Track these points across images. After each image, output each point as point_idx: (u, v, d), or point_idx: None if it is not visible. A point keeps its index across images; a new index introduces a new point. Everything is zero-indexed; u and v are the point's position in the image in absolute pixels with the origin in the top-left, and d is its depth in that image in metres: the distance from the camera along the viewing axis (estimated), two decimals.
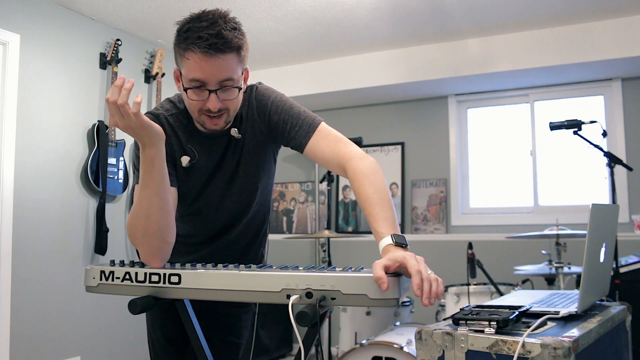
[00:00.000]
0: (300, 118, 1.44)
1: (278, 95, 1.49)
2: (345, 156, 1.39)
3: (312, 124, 1.44)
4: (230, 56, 1.30)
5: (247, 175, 1.50)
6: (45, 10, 3.29)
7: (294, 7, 3.48)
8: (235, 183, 1.49)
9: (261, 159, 1.51)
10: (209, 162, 1.47)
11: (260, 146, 1.49)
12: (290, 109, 1.45)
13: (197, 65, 1.29)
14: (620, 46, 3.64)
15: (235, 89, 1.34)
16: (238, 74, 1.34)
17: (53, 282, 3.23)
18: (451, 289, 3.23)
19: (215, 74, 1.30)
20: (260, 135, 1.48)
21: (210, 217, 1.54)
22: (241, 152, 1.48)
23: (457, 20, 3.72)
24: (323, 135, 1.42)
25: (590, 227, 1.34)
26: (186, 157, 1.44)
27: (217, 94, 1.32)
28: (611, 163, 2.92)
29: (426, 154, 4.67)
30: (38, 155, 3.21)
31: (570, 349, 1.06)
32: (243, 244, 1.63)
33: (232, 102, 1.36)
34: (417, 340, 1.22)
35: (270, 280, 1.20)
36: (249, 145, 1.48)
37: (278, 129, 1.46)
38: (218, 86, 1.32)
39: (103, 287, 1.36)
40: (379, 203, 1.28)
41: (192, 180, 1.47)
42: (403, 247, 1.20)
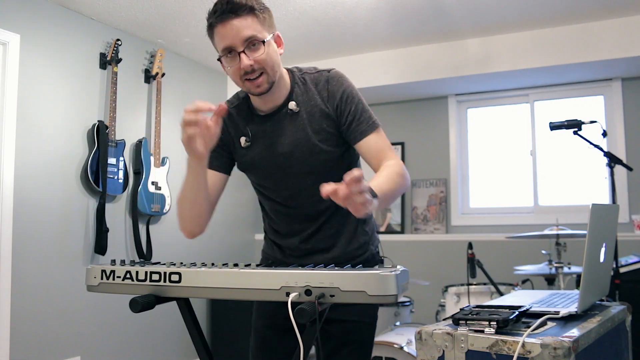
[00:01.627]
0: (365, 115, 1.55)
1: (350, 85, 1.59)
2: (385, 160, 1.52)
3: (373, 124, 1.56)
4: (246, 17, 1.42)
5: (308, 141, 1.55)
6: (45, 10, 3.29)
7: (294, 7, 3.48)
8: (298, 149, 1.55)
9: (322, 128, 1.55)
10: (268, 138, 1.57)
11: (318, 118, 1.55)
12: (358, 102, 1.56)
13: (220, 35, 1.43)
14: (620, 46, 3.64)
15: (261, 45, 1.44)
16: (261, 32, 1.44)
17: (53, 282, 3.24)
18: (451, 289, 3.23)
19: (236, 35, 1.42)
20: (319, 112, 1.55)
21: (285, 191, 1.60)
22: (299, 121, 1.55)
23: (457, 20, 3.72)
24: (377, 139, 1.56)
25: (590, 227, 1.34)
26: (243, 138, 1.59)
27: (245, 52, 1.43)
28: (611, 163, 2.92)
29: (426, 154, 4.67)
30: (38, 155, 3.21)
31: (570, 349, 1.06)
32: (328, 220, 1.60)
33: (264, 59, 1.45)
34: (417, 340, 1.22)
35: (269, 278, 1.21)
36: (306, 115, 1.56)
37: (342, 116, 1.55)
38: (244, 45, 1.43)
39: (104, 287, 1.36)
40: (381, 174, 1.44)
41: (256, 156, 1.59)
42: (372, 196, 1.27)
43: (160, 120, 3.87)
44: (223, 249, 4.63)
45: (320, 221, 1.61)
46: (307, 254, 1.62)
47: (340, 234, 1.61)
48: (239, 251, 4.71)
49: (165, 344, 4.00)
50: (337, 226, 1.62)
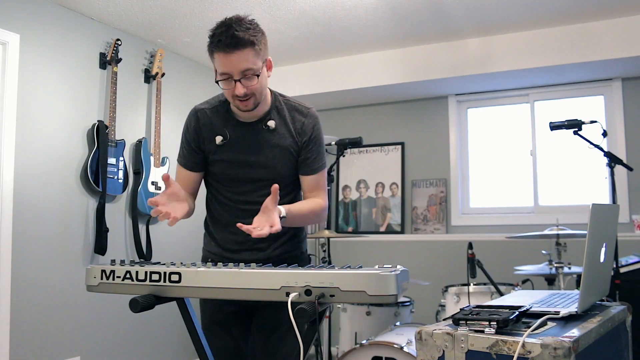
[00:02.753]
0: (319, 158, 1.83)
1: (320, 129, 1.85)
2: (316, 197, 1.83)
3: (321, 166, 1.84)
4: (246, 51, 1.62)
5: (270, 159, 1.78)
6: (45, 10, 3.29)
7: (294, 7, 3.48)
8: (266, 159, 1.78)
9: (288, 150, 1.79)
10: (240, 143, 1.78)
11: (287, 141, 1.79)
12: (320, 146, 1.84)
13: (221, 62, 1.64)
14: (620, 46, 3.64)
15: (255, 76, 1.65)
16: (257, 64, 1.65)
17: (53, 282, 3.23)
18: (451, 289, 3.23)
19: (235, 66, 1.63)
20: (290, 137, 1.80)
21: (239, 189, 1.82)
22: (272, 138, 1.78)
23: (457, 20, 3.72)
24: (319, 178, 1.84)
25: (591, 227, 1.34)
26: (219, 137, 1.78)
27: (240, 82, 1.64)
28: (611, 163, 2.92)
29: (426, 154, 4.67)
30: (38, 155, 3.21)
31: (571, 349, 1.06)
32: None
33: (255, 87, 1.67)
34: (417, 340, 1.22)
35: (269, 278, 1.21)
36: (279, 135, 1.79)
37: (304, 151, 1.80)
38: (240, 76, 1.64)
39: (104, 287, 1.36)
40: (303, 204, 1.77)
41: (226, 156, 1.80)
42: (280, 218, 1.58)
43: (160, 120, 3.86)
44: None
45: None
46: (243, 249, 1.82)
47: (280, 235, 1.74)
48: None
49: (165, 344, 4.00)
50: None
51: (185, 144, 1.85)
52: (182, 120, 1.91)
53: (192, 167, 1.87)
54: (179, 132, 1.93)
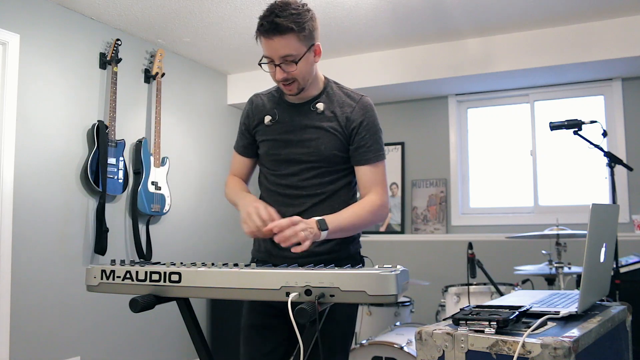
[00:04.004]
0: (375, 146, 1.76)
1: (374, 116, 1.80)
2: (369, 194, 1.73)
3: (378, 156, 1.76)
4: (286, 37, 1.62)
5: (313, 139, 1.75)
6: (45, 10, 3.29)
7: None
8: (311, 141, 1.75)
9: (335, 134, 1.74)
10: (287, 123, 1.78)
11: (335, 125, 1.75)
12: (374, 133, 1.77)
13: (263, 46, 1.67)
14: (620, 46, 3.64)
15: (293, 62, 1.66)
16: (298, 50, 1.66)
17: (53, 282, 3.23)
18: (451, 289, 3.23)
19: (275, 52, 1.65)
20: (337, 122, 1.75)
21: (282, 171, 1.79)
22: (319, 120, 1.75)
23: (457, 20, 3.72)
24: (375, 171, 1.76)
25: (591, 227, 1.34)
26: (268, 117, 1.81)
27: (281, 67, 1.67)
28: (611, 163, 2.92)
29: (426, 154, 4.67)
30: (38, 155, 3.21)
31: (571, 349, 1.06)
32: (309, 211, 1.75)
33: (295, 72, 1.68)
34: (417, 340, 1.22)
35: (269, 278, 1.21)
36: (327, 118, 1.76)
37: (355, 138, 1.74)
38: (280, 61, 1.66)
39: (104, 287, 1.36)
40: (349, 210, 1.68)
41: (271, 135, 1.80)
42: (319, 228, 1.55)
43: (160, 120, 3.86)
44: (223, 249, 4.63)
45: (307, 205, 1.75)
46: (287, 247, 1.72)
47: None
48: (238, 251, 4.71)
49: (165, 344, 4.00)
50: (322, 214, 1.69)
51: (239, 128, 1.91)
52: (182, 120, 1.93)
53: (243, 151, 1.90)
54: (179, 132, 1.94)
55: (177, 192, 4.13)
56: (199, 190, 4.42)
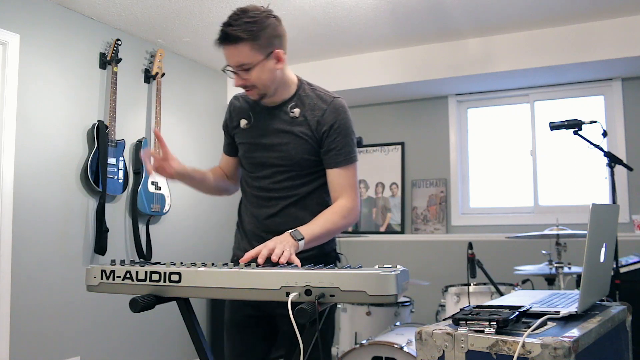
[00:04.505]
0: (346, 149, 1.75)
1: (346, 119, 1.78)
2: (339, 198, 1.74)
3: (344, 161, 1.74)
4: (239, 46, 1.64)
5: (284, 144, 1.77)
6: (45, 10, 3.29)
7: (294, 7, 3.48)
8: (282, 144, 1.76)
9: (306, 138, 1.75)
10: (260, 126, 1.81)
11: (306, 129, 1.76)
12: (346, 136, 1.75)
13: (223, 54, 1.69)
14: (620, 46, 3.64)
15: (247, 70, 1.67)
16: (252, 58, 1.66)
17: (53, 282, 3.23)
18: (451, 289, 3.23)
19: (230, 59, 1.68)
20: (308, 125, 1.75)
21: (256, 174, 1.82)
22: (292, 124, 1.77)
23: (457, 20, 3.72)
24: (345, 174, 1.75)
25: (591, 227, 1.34)
26: (244, 120, 1.84)
27: (237, 74, 1.69)
28: (611, 163, 2.92)
29: (426, 154, 4.67)
30: (38, 155, 3.21)
31: (571, 349, 1.06)
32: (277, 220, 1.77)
33: (253, 80, 1.69)
34: (417, 340, 1.22)
35: (269, 278, 1.21)
36: (299, 122, 1.76)
37: (326, 141, 1.74)
38: (236, 69, 1.69)
39: (104, 287, 1.36)
40: (322, 217, 1.68)
41: (246, 138, 1.84)
42: (295, 239, 1.54)
43: (160, 120, 3.86)
44: (223, 249, 4.63)
45: (280, 206, 1.77)
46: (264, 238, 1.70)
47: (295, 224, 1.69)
48: None
49: (165, 344, 4.00)
50: (295, 215, 1.75)
51: (223, 128, 1.96)
52: (182, 120, 1.95)
53: (227, 150, 1.95)
54: (179, 132, 1.96)
55: (177, 192, 4.13)
56: None
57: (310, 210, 1.75)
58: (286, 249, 1.46)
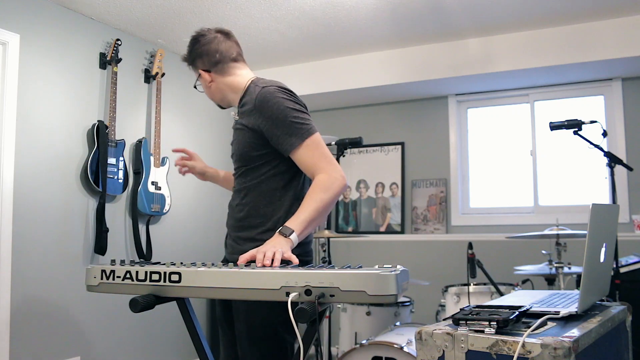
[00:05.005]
0: (290, 129, 1.67)
1: (274, 104, 1.70)
2: (315, 175, 1.67)
3: (300, 135, 1.67)
4: (191, 67, 1.96)
5: (234, 143, 1.85)
6: (45, 10, 3.29)
7: (294, 7, 3.48)
8: (235, 146, 1.84)
9: (239, 133, 1.80)
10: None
11: (242, 124, 1.79)
12: (281, 119, 1.67)
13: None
14: (620, 46, 3.64)
15: (198, 85, 1.98)
16: (197, 76, 1.95)
17: (53, 282, 3.23)
18: (451, 289, 3.23)
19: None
20: (247, 122, 1.76)
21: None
22: (234, 127, 1.86)
23: (457, 20, 3.72)
24: (308, 150, 1.67)
25: (591, 227, 1.34)
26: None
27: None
28: (611, 163, 2.92)
29: (426, 154, 4.67)
30: (38, 155, 3.21)
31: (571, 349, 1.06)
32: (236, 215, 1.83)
33: (206, 92, 1.97)
34: (417, 340, 1.22)
35: (269, 278, 1.21)
36: (239, 120, 1.82)
37: (267, 133, 1.70)
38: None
39: (104, 286, 1.36)
40: (304, 202, 1.63)
41: None
42: (285, 236, 1.55)
43: (160, 120, 3.86)
44: (223, 249, 4.63)
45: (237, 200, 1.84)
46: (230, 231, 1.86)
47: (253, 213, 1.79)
48: None
49: (165, 344, 4.00)
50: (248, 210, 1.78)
51: None
52: (182, 120, 1.98)
53: None
54: (179, 132, 1.99)
55: (177, 192, 4.13)
56: (198, 190, 4.42)
57: (267, 197, 1.75)
58: (277, 250, 1.45)
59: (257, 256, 1.44)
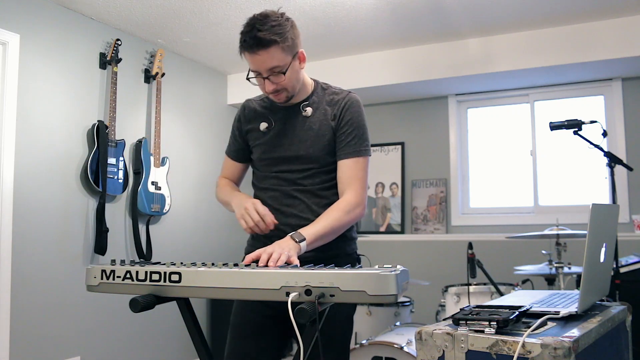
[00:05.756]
0: (358, 141, 1.75)
1: (361, 113, 1.79)
2: (345, 191, 1.72)
3: (359, 151, 1.75)
4: (271, 50, 1.64)
5: (303, 142, 1.77)
6: (45, 10, 3.29)
7: (294, 7, 3.48)
8: (299, 143, 1.77)
9: (322, 136, 1.76)
10: (280, 127, 1.81)
11: (322, 128, 1.77)
12: (359, 128, 1.77)
13: (249, 61, 1.68)
14: (620, 46, 3.64)
15: (281, 74, 1.67)
16: (284, 61, 1.67)
17: (53, 282, 3.23)
18: (451, 289, 3.23)
19: (261, 65, 1.66)
20: (326, 123, 1.77)
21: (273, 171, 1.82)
22: (307, 124, 1.78)
23: (457, 20, 3.72)
24: (355, 166, 1.74)
25: (591, 227, 1.34)
26: (264, 124, 1.83)
27: (269, 79, 1.68)
28: (611, 163, 2.92)
29: (426, 154, 4.67)
30: (38, 155, 3.21)
31: (571, 349, 1.06)
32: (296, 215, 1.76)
33: (284, 82, 1.69)
34: (417, 340, 1.22)
35: (269, 278, 1.21)
36: (314, 121, 1.78)
37: (340, 133, 1.76)
38: (268, 73, 1.67)
39: (104, 286, 1.36)
40: (325, 215, 1.67)
41: (265, 139, 1.82)
42: (296, 241, 1.55)
43: (160, 120, 3.86)
44: (223, 249, 4.63)
45: (296, 202, 1.77)
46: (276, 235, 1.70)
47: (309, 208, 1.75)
48: (238, 251, 4.71)
49: (165, 344, 4.00)
50: (308, 214, 1.74)
51: (232, 133, 1.94)
52: (182, 120, 1.94)
53: (235, 156, 1.93)
54: (179, 132, 1.95)
55: (177, 192, 4.13)
56: (199, 190, 4.42)
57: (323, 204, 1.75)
58: (284, 252, 1.45)
59: (262, 256, 1.44)
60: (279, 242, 1.54)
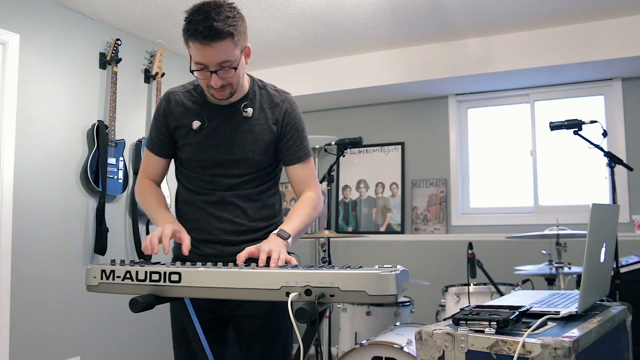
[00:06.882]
0: (302, 144, 1.76)
1: (299, 114, 1.79)
2: (305, 190, 1.77)
3: (306, 154, 1.77)
4: (224, 42, 1.52)
5: (242, 144, 1.72)
6: (45, 10, 3.29)
7: (294, 7, 3.48)
8: (237, 145, 1.71)
9: (262, 138, 1.72)
10: (214, 127, 1.72)
11: (262, 129, 1.73)
12: (301, 131, 1.77)
13: (197, 52, 1.55)
14: (620, 46, 3.64)
15: (232, 68, 1.58)
16: (235, 55, 1.56)
17: (53, 282, 3.23)
18: (451, 289, 3.23)
19: (212, 59, 1.54)
20: (265, 125, 1.73)
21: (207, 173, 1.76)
22: (247, 124, 1.72)
23: (457, 20, 3.72)
24: (305, 168, 1.78)
25: (591, 227, 1.34)
26: (197, 122, 1.71)
27: (217, 73, 1.57)
28: (611, 163, 2.92)
29: (426, 154, 4.67)
30: (38, 155, 3.21)
31: (571, 349, 1.06)
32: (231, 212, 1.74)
33: (232, 78, 1.60)
34: (417, 340, 1.22)
35: (269, 278, 1.21)
36: (254, 122, 1.72)
37: (284, 138, 1.74)
38: (217, 67, 1.56)
39: (104, 286, 1.36)
40: (296, 212, 1.69)
41: (197, 139, 1.72)
42: (283, 238, 1.56)
43: None
44: None
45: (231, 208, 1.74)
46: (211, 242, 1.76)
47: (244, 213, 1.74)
48: None
49: (165, 344, 4.00)
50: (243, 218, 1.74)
51: (154, 127, 1.79)
52: None
53: (160, 152, 1.82)
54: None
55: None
56: None
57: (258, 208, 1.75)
58: (282, 250, 1.46)
59: (260, 255, 1.44)
60: (269, 240, 1.54)
